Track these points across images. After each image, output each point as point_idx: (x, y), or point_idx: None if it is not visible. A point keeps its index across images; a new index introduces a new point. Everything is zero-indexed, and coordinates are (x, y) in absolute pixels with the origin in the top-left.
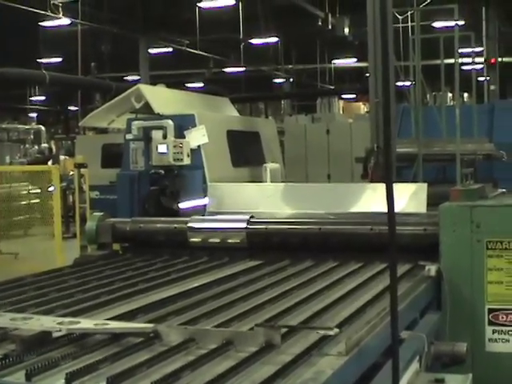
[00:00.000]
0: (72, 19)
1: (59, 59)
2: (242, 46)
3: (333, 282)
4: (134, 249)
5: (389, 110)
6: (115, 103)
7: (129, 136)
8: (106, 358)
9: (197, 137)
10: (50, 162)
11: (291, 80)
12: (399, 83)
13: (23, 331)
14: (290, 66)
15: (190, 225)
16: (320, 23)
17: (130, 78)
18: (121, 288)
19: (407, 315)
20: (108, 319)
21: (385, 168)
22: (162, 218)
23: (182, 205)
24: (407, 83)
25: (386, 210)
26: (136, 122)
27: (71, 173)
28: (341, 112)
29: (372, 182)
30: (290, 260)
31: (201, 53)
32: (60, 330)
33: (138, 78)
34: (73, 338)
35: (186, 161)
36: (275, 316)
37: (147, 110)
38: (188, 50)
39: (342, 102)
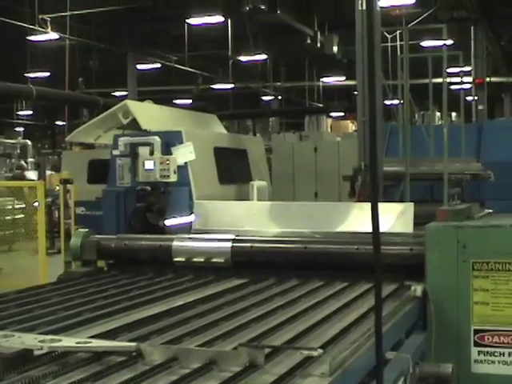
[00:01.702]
0: (60, 34)
1: (47, 74)
2: (230, 63)
3: (318, 301)
4: (119, 266)
5: (375, 128)
6: (102, 119)
7: (115, 152)
8: (88, 376)
9: (184, 154)
10: (32, 176)
11: (279, 97)
12: (387, 102)
13: (4, 349)
14: (279, 84)
15: (174, 244)
16: (309, 41)
17: (117, 93)
18: (104, 306)
19: (392, 336)
20: (90, 337)
21: (371, 187)
22: (148, 236)
23: (168, 222)
24: (395, 102)
25: (370, 229)
26: (123, 138)
27: (57, 188)
28: (329, 130)
29: (359, 201)
30: (275, 279)
31: (189, 69)
32: (41, 348)
33: (126, 93)
34: (54, 356)
35: (173, 178)
36: (259, 335)
37: (134, 126)
38: (176, 66)
39: (330, 120)
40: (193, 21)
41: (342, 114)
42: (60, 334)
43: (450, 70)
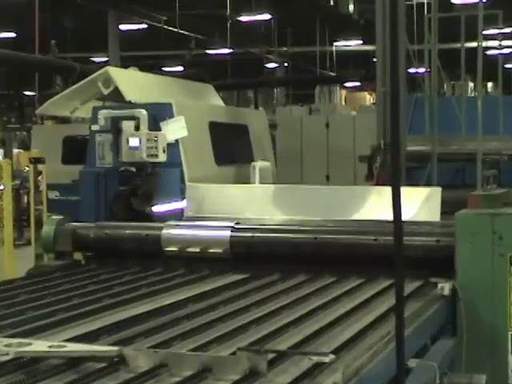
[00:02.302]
0: None
1: (12, 34)
2: (228, 24)
3: (329, 300)
4: (99, 259)
5: (397, 101)
6: (79, 88)
7: (95, 127)
8: None
9: (174, 129)
10: None
11: (285, 65)
12: (412, 70)
13: None
14: (285, 49)
15: (164, 232)
16: None
17: (96, 58)
18: (81, 304)
19: (416, 341)
20: (65, 341)
21: (392, 169)
22: (133, 224)
23: (156, 208)
24: (421, 70)
25: (391, 217)
26: (103, 111)
27: (26, 169)
28: (343, 103)
29: (378, 184)
30: (280, 274)
31: (181, 31)
32: (7, 354)
33: (107, 59)
34: (23, 362)
35: (162, 157)
36: (261, 339)
37: (117, 96)
38: (165, 27)
39: (344, 91)
40: None
41: (359, 84)
42: (29, 337)
43: (486, 32)
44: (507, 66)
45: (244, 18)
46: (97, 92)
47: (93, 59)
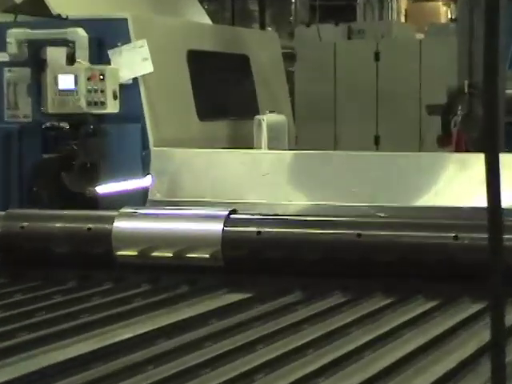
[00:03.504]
0: None
1: None
2: None
3: (381, 335)
4: (10, 268)
5: (495, 15)
6: None
7: (1, 57)
8: None
9: (132, 62)
10: None
11: None
12: None
13: None
14: None
15: (117, 225)
16: None
17: None
18: None
19: None
20: None
21: (485, 126)
22: (65, 212)
23: (103, 188)
24: None
25: (484, 203)
26: (15, 31)
27: None
28: (402, 20)
29: (458, 150)
30: (301, 293)
31: None
32: None
33: None
34: None
35: (112, 107)
36: None
37: (37, 7)
38: None
39: (404, 1)
40: None
41: None
42: None
43: None
44: None
45: None
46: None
47: None
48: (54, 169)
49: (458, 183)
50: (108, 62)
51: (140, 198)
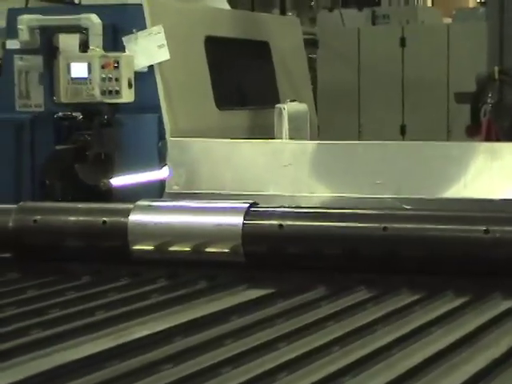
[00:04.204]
0: None
1: None
2: None
3: (408, 333)
4: (22, 263)
5: None
6: None
7: (12, 44)
8: None
9: (148, 49)
10: None
11: None
12: None
13: None
14: None
15: (133, 218)
16: None
17: None
18: None
19: None
20: None
21: None
22: (79, 205)
23: (118, 180)
24: None
25: None
26: (26, 17)
27: None
28: (429, 4)
29: (488, 140)
30: (325, 288)
31: None
32: None
33: None
34: None
35: (127, 96)
36: None
37: None
38: None
39: None
40: None
41: None
42: None
43: None
44: None
45: None
46: None
47: None
48: (67, 160)
49: (489, 174)
50: (123, 50)
51: (156, 191)
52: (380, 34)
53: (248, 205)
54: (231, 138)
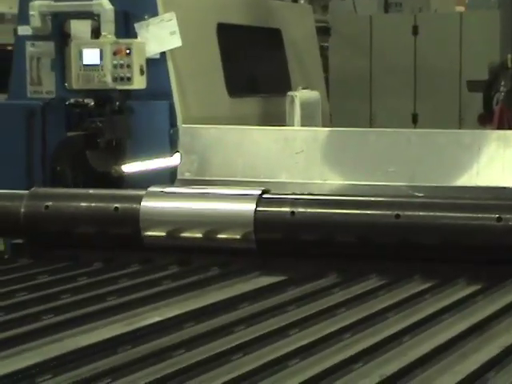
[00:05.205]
0: None
1: None
2: None
3: (421, 319)
4: (34, 249)
5: None
6: None
7: (23, 31)
8: None
9: (160, 36)
10: None
11: None
12: None
13: None
14: None
15: (145, 204)
16: None
17: None
18: (5, 325)
19: None
20: None
21: None
22: (91, 191)
23: (129, 167)
24: None
25: None
26: (38, 3)
27: None
28: None
29: (500, 128)
30: (337, 275)
31: None
32: None
33: None
34: None
35: (138, 82)
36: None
37: None
38: None
39: None
40: None
41: None
42: None
43: None
44: None
45: None
46: None
47: None
48: (78, 147)
49: (501, 162)
50: (134, 36)
51: (168, 178)
52: (392, 21)
53: (260, 192)
54: (243, 126)
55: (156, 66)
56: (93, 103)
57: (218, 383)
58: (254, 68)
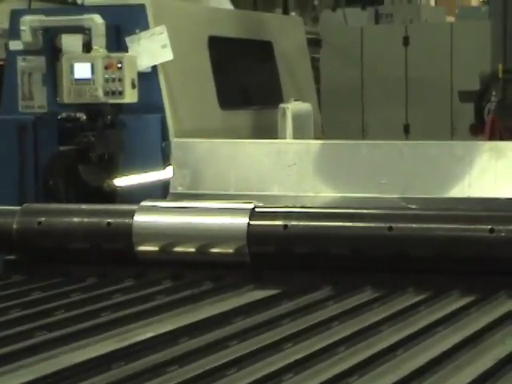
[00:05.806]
0: None
1: None
2: None
3: (416, 332)
4: (26, 266)
5: None
6: None
7: (15, 45)
8: None
9: (151, 50)
10: None
11: None
12: None
13: None
14: None
15: (137, 219)
16: None
17: None
18: None
19: None
20: None
21: None
22: (83, 206)
23: (121, 181)
24: None
25: None
26: (29, 18)
27: None
28: (432, 3)
29: (492, 139)
30: (331, 288)
31: None
32: None
33: None
34: None
35: (130, 96)
36: None
37: None
38: None
39: None
40: None
41: None
42: None
43: None
44: None
45: None
46: None
47: None
48: (70, 161)
49: (493, 173)
50: (126, 50)
51: (160, 191)
52: (383, 32)
53: (253, 205)
54: (235, 138)
55: (147, 79)
56: (85, 117)
57: None
58: (245, 80)
